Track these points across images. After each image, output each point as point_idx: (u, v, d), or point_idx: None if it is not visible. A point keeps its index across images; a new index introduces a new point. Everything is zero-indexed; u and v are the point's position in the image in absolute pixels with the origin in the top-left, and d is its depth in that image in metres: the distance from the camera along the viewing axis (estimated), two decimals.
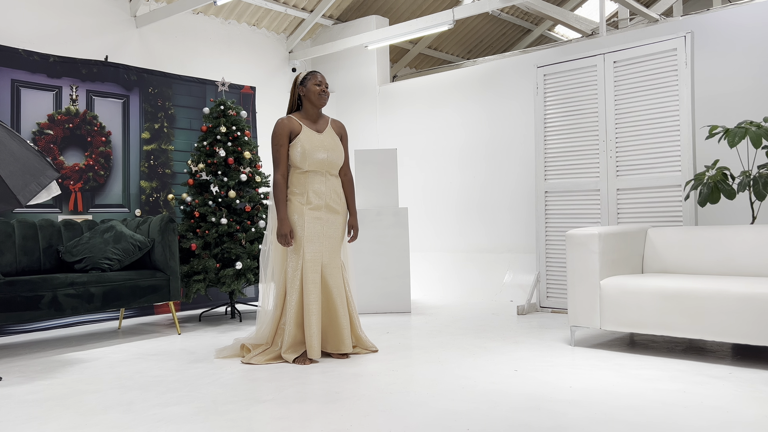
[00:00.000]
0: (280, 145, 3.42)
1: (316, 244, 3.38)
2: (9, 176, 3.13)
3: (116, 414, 2.56)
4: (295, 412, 2.52)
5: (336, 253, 3.47)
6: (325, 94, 3.50)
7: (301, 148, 3.39)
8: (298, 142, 3.41)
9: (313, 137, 3.43)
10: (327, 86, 3.53)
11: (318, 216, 3.41)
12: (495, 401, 2.60)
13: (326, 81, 3.54)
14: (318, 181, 3.43)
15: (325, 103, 3.51)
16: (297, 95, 3.55)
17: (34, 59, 4.75)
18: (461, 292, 5.99)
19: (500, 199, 6.20)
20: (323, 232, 3.42)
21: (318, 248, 3.39)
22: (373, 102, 7.24)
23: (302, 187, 3.43)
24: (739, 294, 3.08)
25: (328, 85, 3.57)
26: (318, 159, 3.42)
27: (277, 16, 7.01)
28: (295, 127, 3.45)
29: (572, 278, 3.70)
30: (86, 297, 3.95)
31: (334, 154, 3.47)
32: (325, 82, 3.52)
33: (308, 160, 3.40)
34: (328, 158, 3.45)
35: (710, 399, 2.57)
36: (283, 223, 3.38)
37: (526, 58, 6.09)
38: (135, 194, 5.26)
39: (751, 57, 4.77)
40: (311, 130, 3.46)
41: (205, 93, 5.78)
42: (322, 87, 3.49)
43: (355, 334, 3.54)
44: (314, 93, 3.47)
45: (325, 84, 3.51)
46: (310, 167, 3.41)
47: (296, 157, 3.41)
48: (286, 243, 3.38)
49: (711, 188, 3.86)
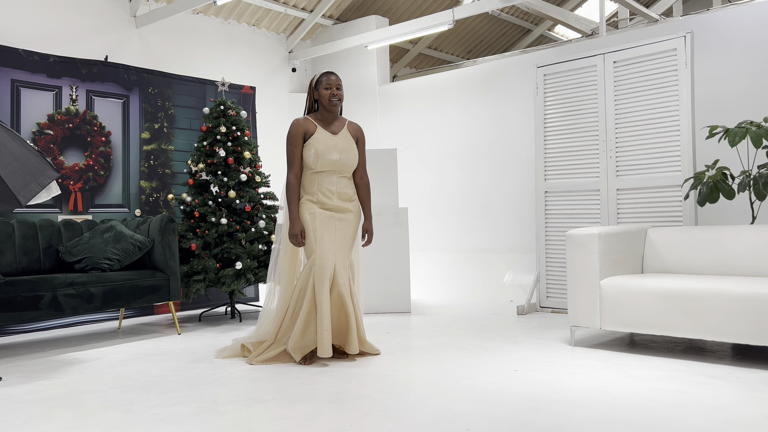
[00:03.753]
0: (294, 145, 3.44)
1: (327, 243, 3.37)
2: (9, 176, 3.13)
3: (116, 414, 2.56)
4: (296, 412, 2.52)
5: (346, 252, 3.44)
6: (336, 97, 3.47)
7: (315, 150, 3.40)
8: (312, 143, 3.41)
9: (327, 139, 3.43)
10: (339, 87, 3.49)
11: (330, 215, 3.41)
12: (495, 401, 2.60)
13: (339, 82, 3.50)
14: (330, 182, 3.43)
15: (337, 107, 3.48)
16: (313, 98, 3.55)
17: (34, 59, 4.75)
18: (461, 292, 5.99)
19: (500, 199, 6.20)
20: (335, 232, 3.41)
21: (330, 248, 3.37)
22: (373, 102, 7.24)
23: (314, 187, 3.43)
24: (739, 294, 3.08)
25: (341, 86, 3.52)
26: (330, 160, 3.41)
27: (277, 16, 7.01)
28: (310, 128, 3.45)
29: (572, 278, 3.70)
30: (86, 297, 3.95)
31: (347, 156, 3.46)
32: (337, 83, 3.48)
33: (320, 161, 3.40)
34: (341, 160, 3.44)
35: (710, 399, 2.57)
36: (294, 223, 3.39)
37: (526, 58, 6.09)
38: (135, 194, 5.26)
39: (750, 57, 4.77)
40: (326, 132, 3.46)
41: (205, 93, 5.78)
42: (332, 90, 3.46)
43: (360, 336, 3.49)
44: (325, 98, 3.47)
45: (336, 86, 3.47)
46: (322, 168, 3.42)
47: (309, 158, 3.42)
48: (297, 243, 3.39)
49: (710, 188, 3.86)
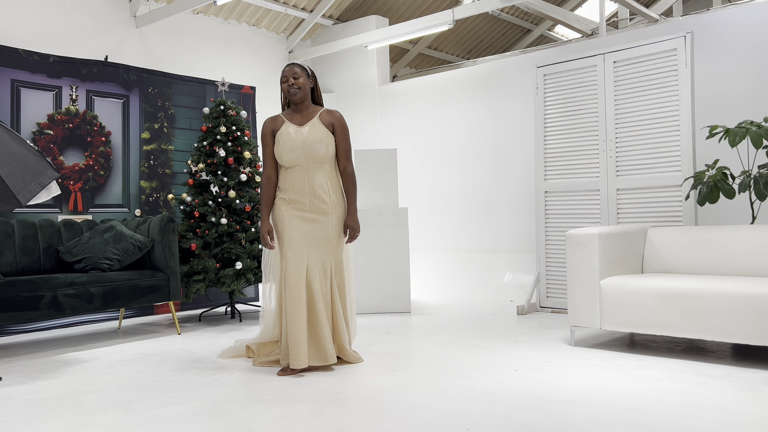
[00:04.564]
0: (265, 144, 3.36)
1: (300, 245, 3.21)
2: (9, 176, 3.13)
3: (116, 414, 2.56)
4: (295, 412, 2.52)
5: (322, 255, 3.24)
6: (294, 86, 3.29)
7: (278, 145, 3.30)
8: (277, 139, 3.32)
9: (291, 132, 3.30)
10: (296, 75, 3.28)
11: (302, 216, 3.24)
12: (495, 401, 2.60)
13: (294, 70, 3.30)
14: (298, 176, 3.28)
15: (296, 96, 3.28)
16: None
17: (34, 59, 4.75)
18: (461, 292, 5.99)
19: (501, 199, 6.20)
20: (309, 233, 3.23)
21: (302, 249, 3.22)
22: (373, 102, 7.24)
23: (285, 183, 3.31)
24: (739, 294, 3.08)
25: (298, 74, 3.28)
26: (293, 154, 3.27)
27: (277, 16, 7.01)
28: (278, 124, 3.36)
29: (572, 278, 3.70)
30: (86, 297, 3.95)
31: (313, 147, 3.24)
32: (292, 72, 3.29)
33: (284, 155, 3.28)
34: (304, 151, 3.24)
35: (710, 399, 2.57)
36: (262, 224, 3.31)
37: (526, 58, 6.09)
38: (135, 194, 5.26)
39: (750, 57, 4.77)
40: (292, 125, 3.32)
41: (205, 93, 5.78)
42: (289, 81, 3.30)
43: (338, 343, 3.26)
44: (285, 91, 3.36)
45: (291, 75, 3.28)
46: (288, 163, 3.29)
47: (276, 155, 3.32)
48: (266, 245, 3.30)
49: (711, 188, 3.86)
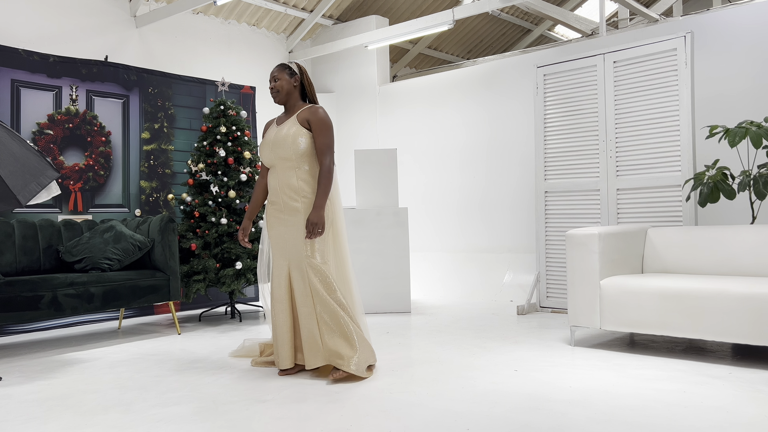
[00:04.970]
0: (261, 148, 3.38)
1: (280, 251, 3.19)
2: (9, 176, 3.13)
3: (116, 414, 2.56)
4: (295, 412, 2.52)
5: (298, 256, 3.11)
6: (274, 90, 3.27)
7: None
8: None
9: (270, 133, 3.30)
10: (276, 78, 3.25)
11: (279, 217, 3.20)
12: (495, 401, 2.60)
13: (274, 72, 3.27)
14: (273, 176, 3.26)
15: (276, 99, 3.27)
16: None
17: (34, 59, 4.75)
18: (461, 292, 5.99)
19: (500, 199, 6.20)
20: (285, 234, 3.18)
21: (282, 257, 3.19)
22: (372, 102, 7.24)
23: (269, 185, 3.31)
24: (739, 294, 3.08)
25: (278, 76, 3.25)
26: (264, 153, 3.29)
27: (277, 16, 7.01)
28: (270, 125, 3.39)
29: (572, 278, 3.70)
30: (86, 297, 3.95)
31: (281, 145, 3.17)
32: (272, 75, 3.27)
33: (262, 156, 3.31)
34: (273, 151, 3.21)
35: (710, 399, 2.57)
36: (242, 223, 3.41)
37: (526, 58, 6.09)
38: (135, 194, 5.26)
39: (750, 57, 4.77)
40: (274, 126, 3.33)
41: (205, 93, 5.78)
42: (270, 84, 3.30)
43: (326, 346, 3.04)
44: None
45: (272, 79, 3.26)
46: (265, 163, 3.30)
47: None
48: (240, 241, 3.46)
49: (711, 188, 3.86)
